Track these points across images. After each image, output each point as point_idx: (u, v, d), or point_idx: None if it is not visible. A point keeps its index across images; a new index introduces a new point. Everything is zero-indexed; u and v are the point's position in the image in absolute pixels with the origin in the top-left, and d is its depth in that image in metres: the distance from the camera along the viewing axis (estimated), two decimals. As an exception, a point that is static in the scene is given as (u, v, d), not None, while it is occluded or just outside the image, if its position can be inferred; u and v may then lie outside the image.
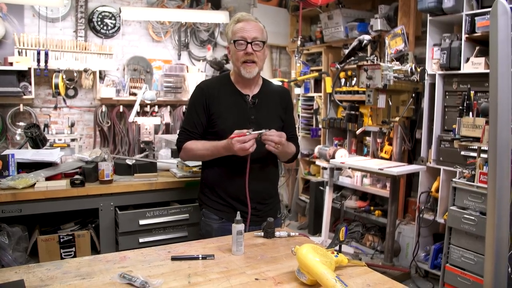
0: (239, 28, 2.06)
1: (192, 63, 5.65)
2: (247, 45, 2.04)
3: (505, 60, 1.28)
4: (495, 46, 1.29)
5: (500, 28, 1.27)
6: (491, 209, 1.36)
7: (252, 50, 2.05)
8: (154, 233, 2.57)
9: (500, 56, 1.28)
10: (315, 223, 5.08)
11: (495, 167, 1.33)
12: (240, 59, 2.06)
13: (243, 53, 2.05)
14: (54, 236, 2.46)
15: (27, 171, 2.60)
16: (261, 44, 2.08)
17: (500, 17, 1.27)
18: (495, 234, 1.34)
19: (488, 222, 1.37)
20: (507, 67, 1.29)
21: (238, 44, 2.05)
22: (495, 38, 1.29)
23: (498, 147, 1.32)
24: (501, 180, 1.33)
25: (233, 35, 2.07)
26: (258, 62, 2.09)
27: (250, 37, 2.04)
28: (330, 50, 5.25)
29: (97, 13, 5.04)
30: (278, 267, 1.59)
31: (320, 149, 4.79)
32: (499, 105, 1.29)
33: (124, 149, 5.18)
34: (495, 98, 1.30)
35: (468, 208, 3.03)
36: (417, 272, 4.03)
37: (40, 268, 1.55)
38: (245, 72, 2.07)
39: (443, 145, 3.82)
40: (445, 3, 3.58)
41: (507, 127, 1.31)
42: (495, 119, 1.31)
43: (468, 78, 3.61)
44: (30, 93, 4.56)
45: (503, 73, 1.28)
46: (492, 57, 1.31)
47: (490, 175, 1.35)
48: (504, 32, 1.27)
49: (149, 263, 1.61)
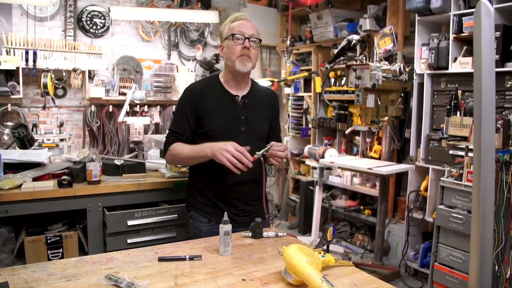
0: (238, 24, 2.09)
1: (182, 63, 5.63)
2: (245, 40, 2.06)
3: (488, 61, 1.30)
4: (479, 47, 1.30)
5: (484, 29, 1.28)
6: (475, 209, 1.37)
7: (249, 45, 2.07)
8: (143, 234, 2.56)
9: (483, 56, 1.29)
10: (305, 222, 5.09)
11: (480, 167, 1.34)
12: (237, 53, 2.07)
13: (241, 47, 2.06)
14: (41, 237, 2.44)
15: (14, 171, 2.57)
16: (257, 41, 2.11)
17: (484, 18, 1.28)
18: (480, 233, 1.36)
19: (473, 221, 1.38)
20: (491, 67, 1.30)
21: (236, 38, 2.06)
22: (478, 39, 1.30)
23: (483, 146, 1.33)
24: (486, 179, 1.35)
25: (231, 31, 2.09)
26: (252, 58, 2.11)
27: (248, 33, 2.08)
28: (319, 50, 5.27)
29: (86, 12, 5.00)
30: (265, 268, 1.59)
31: (309, 148, 4.80)
32: (483, 105, 1.30)
33: (114, 149, 5.15)
34: (479, 99, 1.31)
35: (456, 207, 3.05)
36: (406, 271, 4.06)
37: (25, 270, 1.53)
38: (240, 66, 2.08)
39: (431, 144, 3.85)
40: (433, 3, 3.61)
41: (491, 127, 1.32)
42: (479, 120, 1.32)
43: (456, 78, 3.64)
44: (18, 93, 4.51)
45: (486, 73, 1.29)
46: (476, 58, 1.32)
47: (475, 175, 1.36)
48: (488, 33, 1.28)
49: (136, 264, 1.60)
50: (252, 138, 2.11)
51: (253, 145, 2.01)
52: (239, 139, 2.07)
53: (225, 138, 2.05)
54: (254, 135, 2.14)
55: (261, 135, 2.19)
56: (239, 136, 2.09)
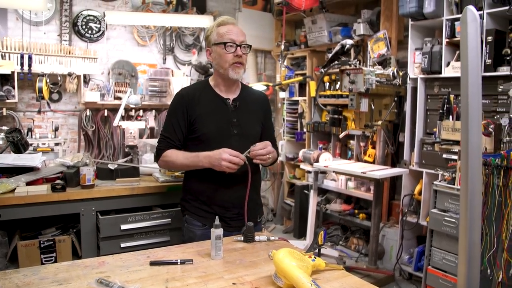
0: (227, 31, 2.10)
1: (177, 67, 5.64)
2: (237, 48, 2.08)
3: (475, 66, 1.31)
4: (465, 52, 1.32)
5: (470, 35, 1.30)
6: (463, 212, 1.38)
7: (241, 53, 2.09)
8: (136, 238, 2.56)
9: (470, 62, 1.31)
10: (300, 226, 5.10)
11: (467, 170, 1.36)
12: (230, 61, 2.09)
13: (233, 56, 2.08)
14: (34, 242, 2.44)
15: (7, 176, 2.58)
16: (248, 47, 2.13)
17: (470, 24, 1.30)
18: (468, 236, 1.37)
19: (461, 224, 1.40)
20: (477, 73, 1.31)
21: (228, 46, 2.07)
22: (465, 45, 1.32)
23: (470, 149, 1.34)
24: (473, 182, 1.36)
25: (220, 38, 2.10)
26: (244, 64, 2.14)
27: (239, 40, 2.09)
28: (314, 54, 5.30)
29: (81, 17, 5.01)
30: (256, 272, 1.60)
31: (304, 152, 4.82)
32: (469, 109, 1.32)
33: (109, 153, 5.14)
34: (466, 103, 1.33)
35: (449, 210, 3.07)
36: (401, 274, 4.06)
37: (17, 274, 1.53)
38: (233, 74, 2.10)
39: (425, 148, 3.87)
40: (425, 8, 3.64)
41: (477, 131, 1.34)
42: (466, 124, 1.34)
43: (449, 82, 3.67)
44: (14, 97, 4.50)
45: (473, 79, 1.31)
46: (462, 62, 1.34)
47: (463, 178, 1.38)
48: (474, 38, 1.30)
49: (128, 268, 1.61)
50: (244, 141, 2.12)
51: (246, 147, 2.03)
52: (232, 141, 2.09)
53: (218, 141, 2.06)
54: (247, 137, 2.15)
55: (254, 137, 2.19)
56: (232, 139, 2.10)
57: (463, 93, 1.33)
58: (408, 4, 3.73)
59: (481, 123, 1.33)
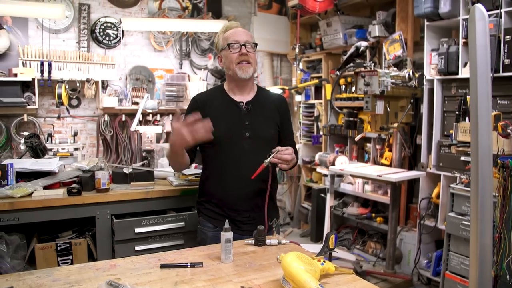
0: (231, 33, 2.13)
1: (194, 72, 5.69)
2: (241, 47, 2.09)
3: (484, 65, 1.29)
4: (474, 51, 1.30)
5: (478, 34, 1.28)
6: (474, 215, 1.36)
7: (246, 51, 2.09)
8: (150, 241, 2.58)
9: (479, 61, 1.29)
10: (317, 230, 5.07)
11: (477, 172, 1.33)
12: (235, 61, 2.10)
13: (238, 55, 2.09)
14: (51, 244, 2.48)
15: (26, 180, 2.63)
16: (253, 45, 2.13)
17: (478, 22, 1.28)
18: (479, 240, 1.34)
19: (472, 227, 1.37)
20: (486, 72, 1.29)
21: (232, 47, 2.09)
22: (473, 44, 1.30)
23: (480, 152, 1.32)
24: (484, 184, 1.33)
25: (225, 41, 2.13)
26: (252, 63, 2.13)
27: (243, 39, 2.10)
28: (329, 57, 5.27)
29: (99, 24, 5.11)
30: (265, 275, 1.59)
31: (320, 156, 4.80)
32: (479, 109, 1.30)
33: (127, 157, 5.21)
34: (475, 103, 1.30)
35: (466, 214, 3.01)
36: (419, 279, 4.00)
37: (31, 276, 1.56)
38: (241, 73, 2.10)
39: (442, 151, 3.81)
40: (441, 8, 3.59)
41: (487, 132, 1.31)
42: (476, 125, 1.31)
43: (466, 83, 3.60)
44: (34, 103, 4.61)
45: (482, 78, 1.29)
46: (471, 63, 1.32)
47: (473, 180, 1.35)
48: (482, 37, 1.28)
49: (138, 271, 1.62)
50: (257, 143, 2.12)
51: (259, 150, 2.03)
52: (244, 144, 2.10)
53: (229, 144, 2.08)
54: (260, 140, 2.15)
55: (267, 140, 2.18)
56: (244, 142, 2.11)
57: (472, 93, 1.32)
58: (423, 5, 3.68)
59: (491, 123, 1.30)
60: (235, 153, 2.11)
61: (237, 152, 2.11)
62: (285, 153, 1.98)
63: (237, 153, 2.11)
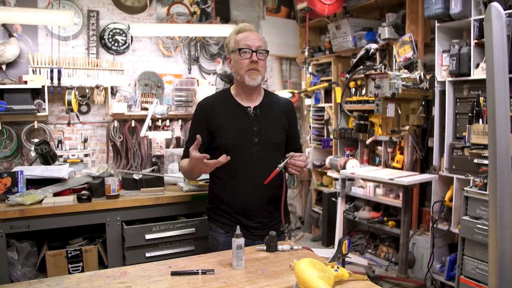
0: (243, 37, 2.08)
1: (203, 77, 5.68)
2: (252, 54, 2.05)
3: (501, 65, 1.26)
4: (491, 51, 1.26)
5: (495, 33, 1.25)
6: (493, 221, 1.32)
7: (257, 58, 2.06)
8: (161, 248, 2.56)
9: (495, 61, 1.25)
10: (329, 234, 5.02)
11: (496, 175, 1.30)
12: (245, 68, 2.06)
13: (248, 62, 2.05)
14: (61, 251, 2.47)
15: (36, 187, 2.63)
16: (264, 53, 2.09)
17: (494, 21, 1.24)
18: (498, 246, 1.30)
19: (490, 234, 1.33)
20: (503, 71, 1.26)
21: (243, 52, 2.05)
22: (490, 43, 1.26)
23: (498, 154, 1.28)
24: (502, 189, 1.29)
25: (237, 44, 2.08)
26: (261, 70, 2.10)
27: (255, 45, 2.06)
28: (339, 60, 5.24)
29: (108, 30, 5.13)
30: (277, 282, 1.57)
31: (331, 159, 4.76)
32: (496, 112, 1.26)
33: (137, 163, 5.21)
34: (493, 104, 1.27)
35: (481, 217, 2.95)
36: (432, 284, 3.93)
37: (41, 284, 1.55)
38: (249, 80, 2.07)
39: (455, 153, 3.75)
40: (452, 9, 3.54)
41: (505, 133, 1.27)
42: (493, 126, 1.28)
43: (479, 84, 3.54)
44: (44, 110, 4.63)
45: (499, 78, 1.25)
46: (488, 62, 1.28)
47: (491, 185, 1.31)
48: (499, 36, 1.25)
49: (149, 279, 1.60)
50: (266, 149, 2.10)
51: (268, 155, 2.01)
52: (253, 150, 2.07)
53: (238, 150, 2.05)
54: (268, 145, 2.12)
55: (276, 145, 2.16)
56: (253, 148, 2.08)
57: (489, 94, 1.28)
58: (433, 6, 3.64)
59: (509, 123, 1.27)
60: (244, 159, 2.08)
61: (246, 158, 2.08)
62: (299, 159, 1.95)
63: (246, 159, 2.08)
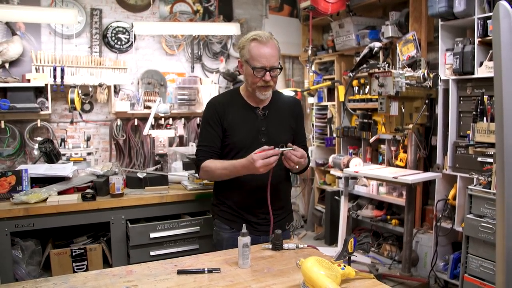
0: (258, 54, 2.03)
1: (206, 75, 5.68)
2: (266, 73, 2.04)
3: (509, 63, 1.25)
4: (498, 49, 1.26)
5: (503, 31, 1.24)
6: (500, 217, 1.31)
7: (270, 78, 2.05)
8: (165, 246, 2.57)
9: (503, 60, 1.25)
10: (332, 233, 5.02)
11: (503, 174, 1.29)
12: (257, 83, 2.07)
13: (260, 79, 2.05)
14: (66, 250, 2.48)
15: (40, 185, 2.64)
16: (278, 70, 2.08)
17: (502, 20, 1.24)
18: (505, 244, 1.30)
19: (498, 230, 1.33)
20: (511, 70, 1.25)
21: (257, 71, 2.04)
22: (498, 42, 1.26)
23: (505, 152, 1.28)
24: (510, 188, 1.29)
25: (251, 59, 2.04)
26: (273, 85, 2.12)
27: (269, 65, 2.04)
28: (342, 59, 5.23)
29: (111, 28, 5.12)
30: (284, 280, 1.57)
31: (334, 158, 4.75)
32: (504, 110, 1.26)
33: (140, 161, 5.21)
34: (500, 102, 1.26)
35: (485, 216, 2.95)
36: (436, 282, 3.93)
37: (47, 283, 1.55)
38: (260, 95, 2.10)
39: (459, 152, 3.74)
40: (456, 8, 3.53)
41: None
42: (501, 125, 1.27)
43: (482, 83, 3.54)
44: (47, 109, 4.63)
45: (507, 77, 1.25)
46: (495, 62, 1.28)
47: (498, 184, 1.31)
48: (507, 35, 1.24)
49: (155, 277, 1.60)
50: None
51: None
52: None
53: (246, 150, 2.06)
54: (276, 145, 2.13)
55: None
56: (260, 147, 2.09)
57: (497, 92, 1.28)
58: (437, 4, 3.62)
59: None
60: None
61: None
62: (294, 153, 1.94)
63: None
